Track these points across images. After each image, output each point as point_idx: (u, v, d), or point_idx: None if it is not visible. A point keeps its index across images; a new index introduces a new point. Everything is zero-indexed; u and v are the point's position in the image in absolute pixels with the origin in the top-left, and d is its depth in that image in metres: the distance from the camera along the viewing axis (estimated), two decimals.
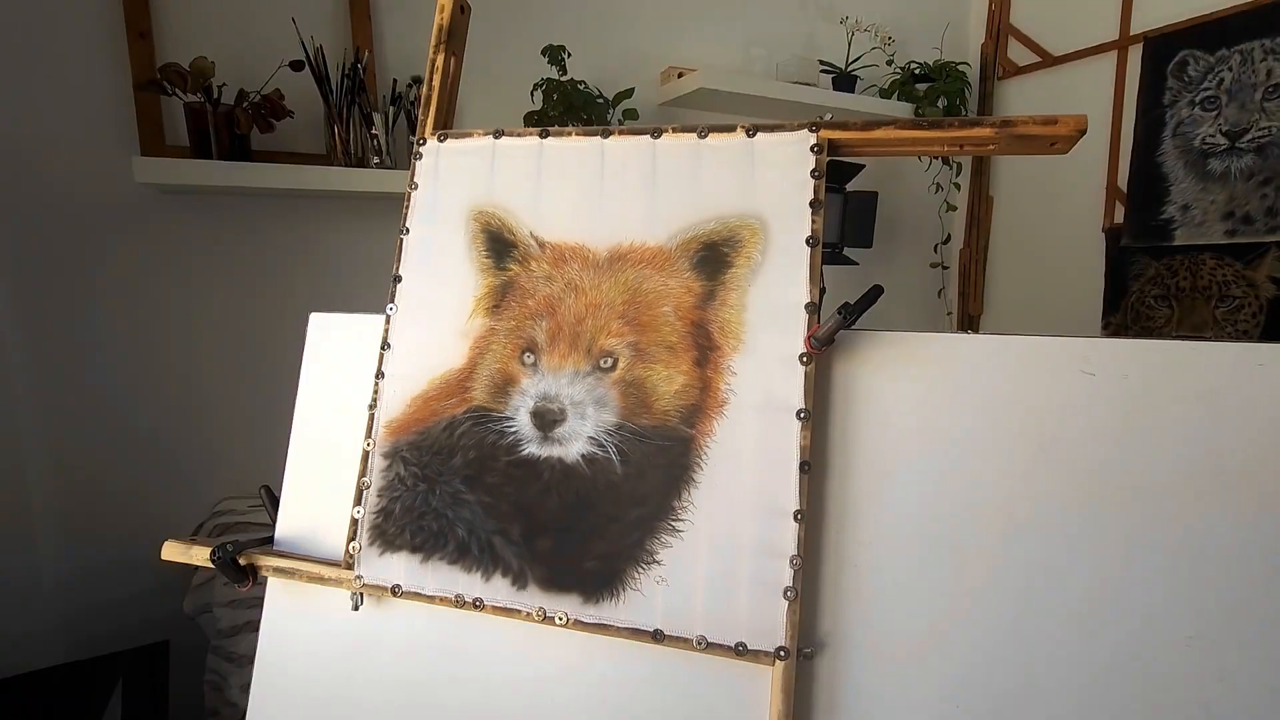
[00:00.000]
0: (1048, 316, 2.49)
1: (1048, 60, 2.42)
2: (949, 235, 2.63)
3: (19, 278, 1.52)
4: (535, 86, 1.83)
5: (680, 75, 2.04)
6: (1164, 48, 2.12)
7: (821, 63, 2.29)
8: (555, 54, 1.78)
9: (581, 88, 1.84)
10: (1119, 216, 2.27)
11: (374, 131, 1.68)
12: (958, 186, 2.55)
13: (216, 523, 1.59)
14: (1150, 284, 2.18)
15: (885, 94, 2.42)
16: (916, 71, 2.41)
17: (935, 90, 2.40)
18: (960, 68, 2.41)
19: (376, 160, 1.69)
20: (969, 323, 2.68)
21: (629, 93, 1.91)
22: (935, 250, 2.64)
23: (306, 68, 1.60)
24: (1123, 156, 2.24)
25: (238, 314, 1.70)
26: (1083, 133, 0.64)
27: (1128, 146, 2.20)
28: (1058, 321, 2.47)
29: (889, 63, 2.40)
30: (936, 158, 2.46)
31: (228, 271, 1.69)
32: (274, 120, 1.59)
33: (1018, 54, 2.50)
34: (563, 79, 1.81)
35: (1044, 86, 2.44)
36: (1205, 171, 2.05)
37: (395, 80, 1.75)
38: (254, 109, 1.57)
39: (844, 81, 2.31)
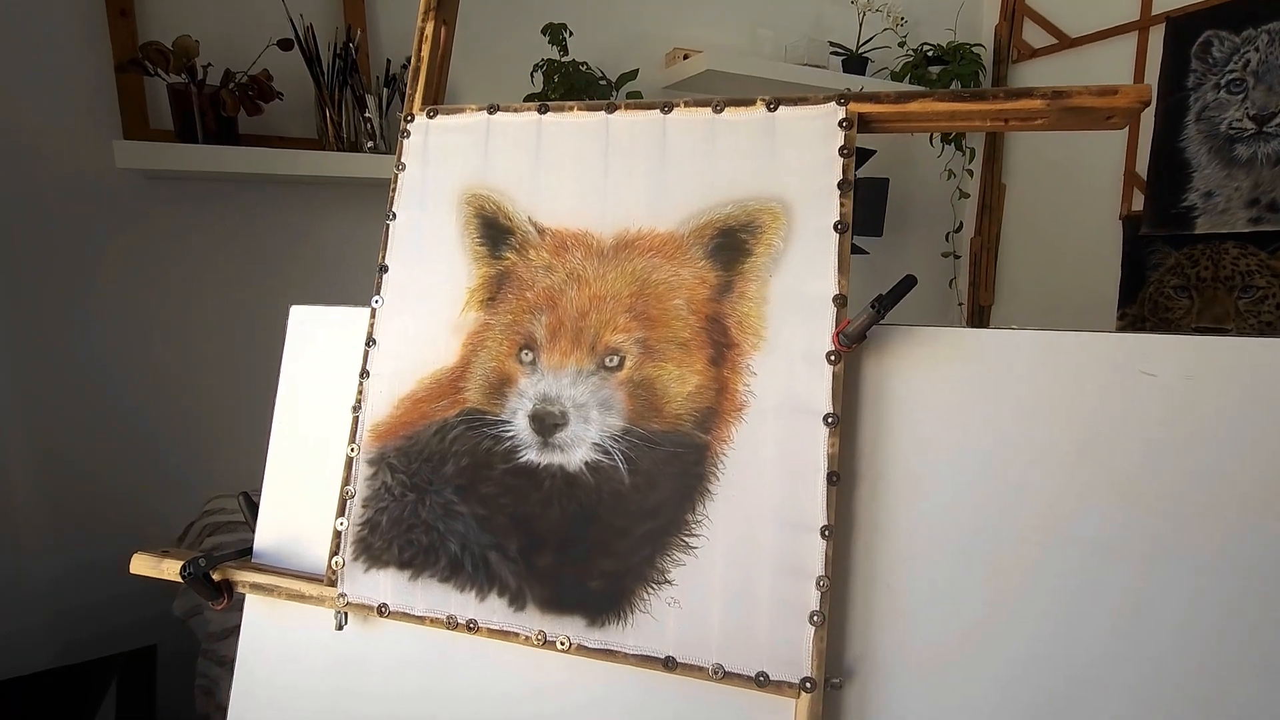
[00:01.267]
0: (1062, 307, 2.43)
1: (1064, 42, 2.34)
2: (961, 223, 2.56)
3: None
4: (535, 67, 1.76)
5: (686, 57, 1.97)
6: (1187, 28, 2.04)
7: (831, 44, 2.22)
8: (556, 33, 1.71)
9: (584, 69, 1.77)
10: (1137, 204, 2.20)
11: (367, 114, 1.61)
12: (971, 173, 2.48)
13: (206, 522, 1.53)
14: (1170, 274, 2.12)
15: (897, 76, 2.34)
16: (929, 54, 2.33)
17: (948, 73, 2.32)
18: (975, 49, 2.33)
19: (370, 144, 1.62)
20: (980, 313, 2.62)
21: (633, 74, 1.84)
22: (947, 239, 2.57)
23: (296, 47, 1.53)
24: (1142, 142, 2.17)
25: (227, 305, 1.64)
26: (1146, 104, 0.57)
27: (1148, 131, 2.13)
28: (1072, 312, 2.40)
29: (901, 44, 2.32)
30: (949, 142, 2.38)
31: (215, 261, 1.62)
32: (262, 102, 1.52)
33: (1033, 35, 2.42)
34: (564, 60, 1.74)
35: (1060, 70, 2.37)
36: (1230, 157, 1.97)
37: (389, 60, 1.68)
38: (241, 90, 1.50)
39: (855, 63, 2.23)
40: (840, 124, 0.63)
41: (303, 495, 0.75)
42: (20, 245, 1.46)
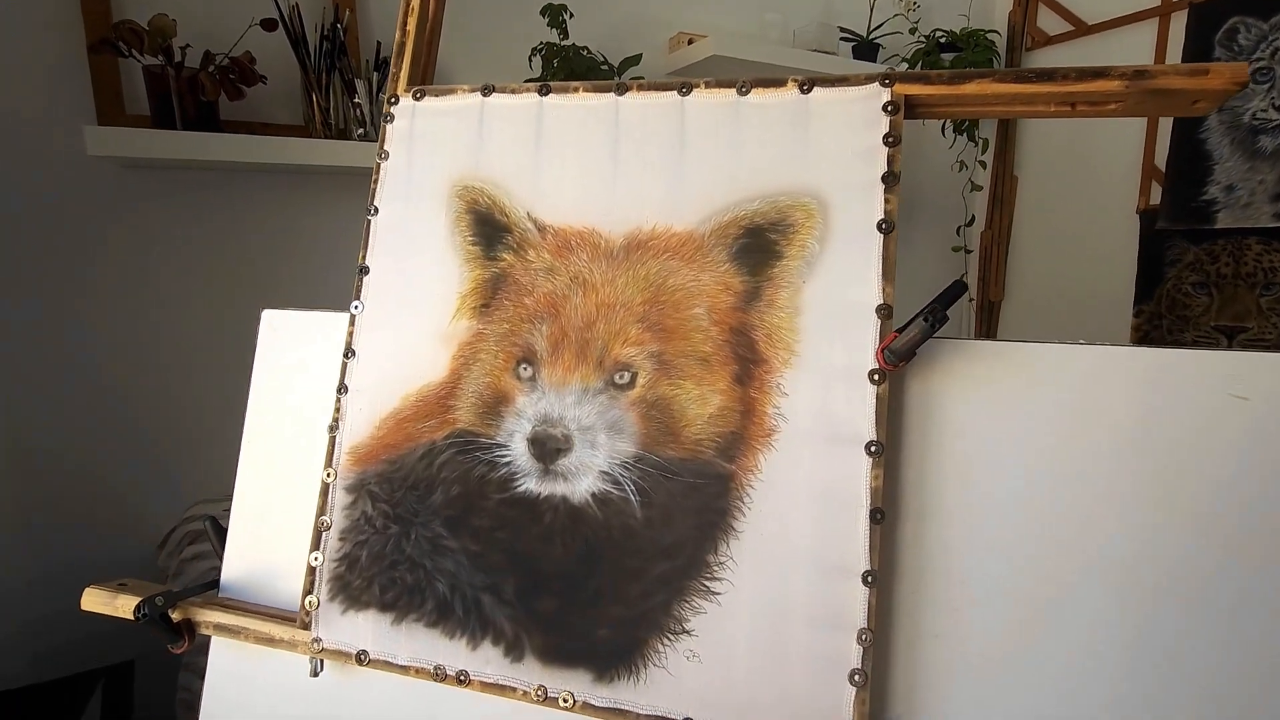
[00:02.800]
0: (1074, 304, 2.36)
1: (1081, 29, 2.26)
2: (973, 217, 2.48)
3: None
4: (534, 51, 1.68)
5: (690, 42, 1.89)
6: (1211, 14, 1.97)
7: (841, 30, 2.14)
8: (556, 15, 1.62)
9: (584, 53, 1.68)
10: (1155, 197, 2.13)
11: (356, 100, 1.53)
12: (984, 165, 2.40)
13: (188, 529, 1.46)
14: (1188, 270, 2.06)
15: (909, 64, 2.26)
16: (942, 40, 2.25)
17: (961, 60, 2.24)
18: (990, 36, 2.25)
19: (360, 132, 1.55)
20: (989, 309, 2.55)
21: (636, 59, 1.76)
22: (958, 233, 2.49)
23: (280, 27, 1.45)
24: (1161, 133, 2.10)
25: (208, 300, 1.56)
26: (1242, 86, 0.49)
27: (1167, 122, 2.06)
28: (1085, 309, 2.34)
29: (913, 31, 2.24)
30: (961, 132, 2.31)
31: (195, 254, 1.55)
32: (244, 86, 1.44)
33: (1048, 22, 2.34)
34: (564, 43, 1.66)
35: (1077, 57, 2.29)
36: (1254, 149, 1.91)
37: (379, 43, 1.60)
38: (221, 73, 1.41)
39: (865, 50, 2.15)
40: (885, 108, 0.55)
41: (276, 522, 0.67)
42: None
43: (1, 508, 1.46)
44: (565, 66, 1.65)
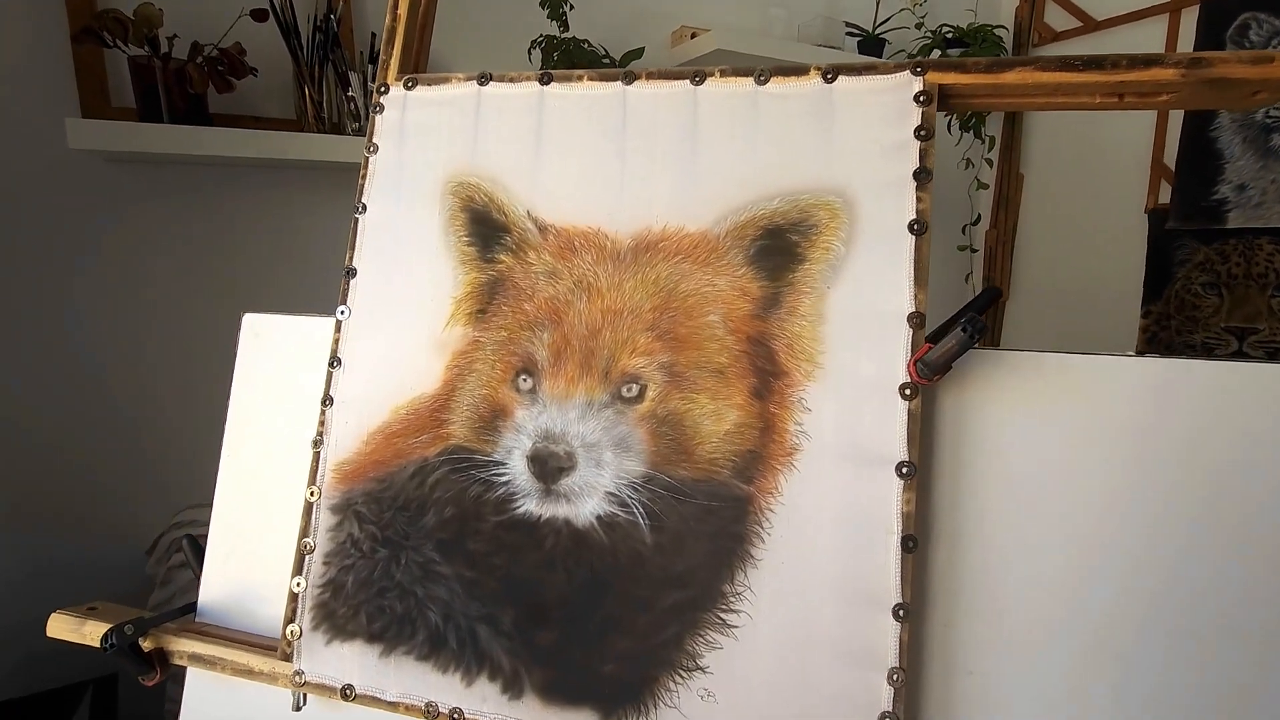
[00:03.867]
0: (1081, 304, 2.33)
1: (1089, 25, 2.23)
2: (979, 215, 2.45)
3: None
4: (533, 44, 1.64)
5: (693, 36, 1.85)
6: (1222, 10, 1.94)
7: (847, 24, 2.10)
8: (556, 6, 1.58)
9: (585, 47, 1.64)
10: (1164, 196, 2.11)
11: (350, 93, 1.49)
12: (990, 162, 2.36)
13: (175, 535, 1.42)
14: (1198, 270, 2.03)
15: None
16: (949, 36, 2.21)
17: (969, 55, 2.20)
18: (997, 31, 2.22)
19: (354, 126, 1.51)
20: (994, 310, 2.51)
21: (638, 52, 1.72)
22: (963, 232, 2.45)
23: (271, 18, 1.40)
24: (1171, 131, 2.07)
25: (198, 299, 1.52)
26: None
27: (1176, 119, 2.03)
28: (1092, 310, 2.31)
29: (919, 26, 2.20)
30: (968, 129, 2.27)
31: (185, 252, 1.51)
32: (233, 78, 1.40)
33: (1055, 18, 2.31)
34: (564, 36, 1.62)
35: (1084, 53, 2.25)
36: (1267, 148, 1.89)
37: (374, 35, 1.56)
38: (210, 65, 1.37)
39: (871, 45, 2.12)
40: (917, 98, 0.51)
41: (257, 542, 0.63)
42: None
43: None
44: (566, 60, 1.61)
